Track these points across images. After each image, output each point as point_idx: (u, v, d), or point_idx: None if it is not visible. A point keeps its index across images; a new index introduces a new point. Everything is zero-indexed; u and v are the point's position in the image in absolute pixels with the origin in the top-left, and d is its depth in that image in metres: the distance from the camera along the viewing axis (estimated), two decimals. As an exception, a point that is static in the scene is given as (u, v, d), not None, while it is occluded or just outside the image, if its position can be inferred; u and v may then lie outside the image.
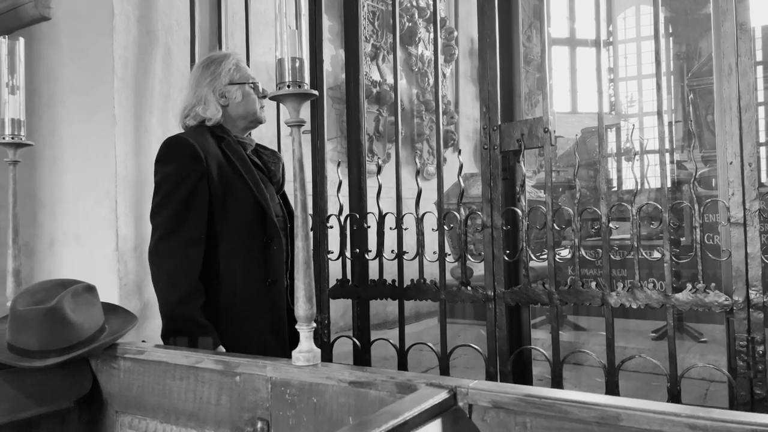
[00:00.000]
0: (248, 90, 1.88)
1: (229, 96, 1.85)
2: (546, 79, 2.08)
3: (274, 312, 1.82)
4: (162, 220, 1.70)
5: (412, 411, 0.94)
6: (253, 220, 1.78)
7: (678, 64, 8.77)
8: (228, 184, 1.76)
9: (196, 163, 1.71)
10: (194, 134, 1.79)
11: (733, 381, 1.76)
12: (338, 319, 3.58)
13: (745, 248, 1.73)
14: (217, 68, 1.86)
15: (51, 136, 2.61)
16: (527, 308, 2.23)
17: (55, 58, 2.62)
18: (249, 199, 1.78)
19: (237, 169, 1.79)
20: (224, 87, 1.84)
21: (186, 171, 1.70)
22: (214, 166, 1.74)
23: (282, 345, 1.80)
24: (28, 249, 2.62)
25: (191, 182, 1.70)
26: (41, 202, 2.66)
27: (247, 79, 1.88)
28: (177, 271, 1.66)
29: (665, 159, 1.91)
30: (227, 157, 1.79)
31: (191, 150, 1.72)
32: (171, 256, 1.67)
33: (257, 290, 1.78)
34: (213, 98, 1.83)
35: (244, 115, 1.88)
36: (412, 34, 6.94)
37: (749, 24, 1.75)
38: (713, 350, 4.02)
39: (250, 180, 1.80)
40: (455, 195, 2.59)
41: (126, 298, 2.34)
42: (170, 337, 1.67)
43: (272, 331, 1.80)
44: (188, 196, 1.69)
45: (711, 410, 0.85)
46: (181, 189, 1.69)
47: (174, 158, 1.74)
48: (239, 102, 1.86)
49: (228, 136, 1.84)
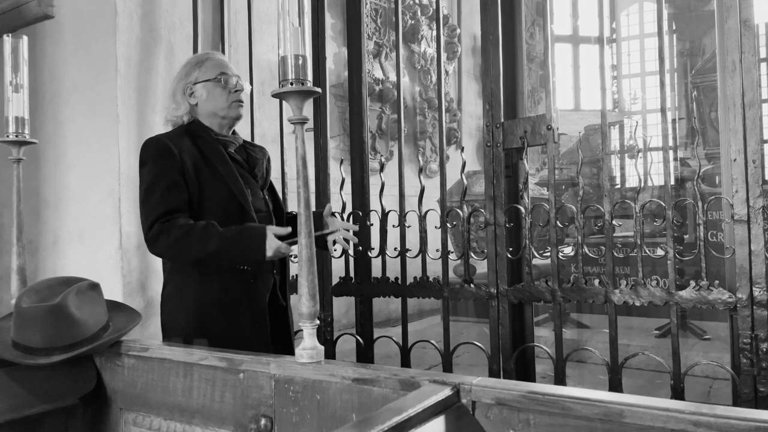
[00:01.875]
0: (212, 86, 1.85)
1: (196, 94, 1.86)
2: (549, 76, 2.08)
3: (254, 308, 1.80)
4: (145, 215, 1.72)
5: (415, 408, 0.94)
6: (230, 215, 1.77)
7: (682, 61, 8.73)
8: (204, 180, 1.77)
9: (171, 159, 1.73)
10: (170, 133, 1.83)
11: (737, 378, 1.76)
12: (341, 317, 3.59)
13: (748, 245, 1.73)
14: (188, 68, 1.89)
15: (54, 134, 2.62)
16: (530, 306, 2.23)
17: (58, 56, 2.62)
18: (225, 195, 1.78)
19: (213, 166, 1.79)
20: (192, 86, 1.85)
21: (162, 166, 1.73)
22: (189, 162, 1.76)
23: (264, 342, 1.79)
24: (32, 247, 2.63)
25: (170, 176, 1.72)
26: (45, 200, 2.67)
27: (211, 76, 1.85)
28: (174, 238, 1.67)
29: (669, 156, 1.90)
30: (203, 154, 1.80)
31: (165, 147, 1.75)
32: (163, 234, 1.68)
33: (236, 286, 1.78)
34: (182, 98, 1.86)
35: (212, 111, 1.86)
36: (415, 32, 6.93)
37: (753, 20, 1.74)
38: (717, 348, 4.01)
39: (227, 176, 1.79)
40: (458, 192, 2.59)
41: (129, 296, 2.35)
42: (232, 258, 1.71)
43: (253, 327, 1.79)
44: (166, 190, 1.71)
45: (714, 407, 0.85)
46: (161, 182, 1.72)
47: (149, 157, 1.76)
48: (205, 99, 1.86)
49: (206, 134, 1.84)
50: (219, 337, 1.70)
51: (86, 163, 2.51)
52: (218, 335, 1.71)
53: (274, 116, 2.70)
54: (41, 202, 2.68)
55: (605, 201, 1.95)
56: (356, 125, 2.59)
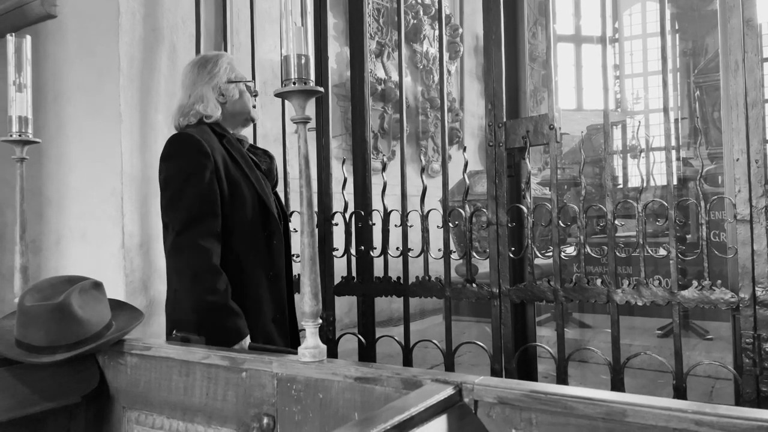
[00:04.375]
0: (244, 88, 1.92)
1: (227, 94, 1.87)
2: (551, 76, 2.08)
3: (277, 304, 1.86)
4: (178, 215, 1.71)
5: (417, 407, 0.94)
6: (256, 215, 1.82)
7: (684, 61, 8.72)
8: (233, 180, 1.79)
9: (205, 158, 1.72)
10: (197, 131, 1.80)
11: (739, 378, 1.76)
12: (343, 317, 3.59)
13: (751, 245, 1.73)
14: (215, 67, 1.89)
15: (57, 134, 2.62)
16: (532, 305, 2.22)
17: (61, 55, 2.63)
18: (253, 195, 1.82)
19: (240, 166, 1.82)
20: (223, 85, 1.87)
21: (196, 165, 1.71)
22: (221, 161, 1.76)
23: (284, 336, 1.86)
24: (35, 246, 2.64)
25: (202, 176, 1.71)
26: (48, 199, 2.67)
27: (243, 78, 1.93)
28: (201, 264, 1.67)
29: (671, 156, 1.90)
30: (230, 154, 1.82)
31: (199, 145, 1.73)
32: (192, 249, 1.68)
33: (262, 282, 1.82)
34: (212, 96, 1.86)
35: (240, 112, 1.91)
36: (417, 31, 6.93)
37: (756, 20, 1.74)
38: (719, 347, 4.00)
39: (252, 177, 1.84)
40: (460, 192, 2.59)
41: (132, 295, 2.35)
42: (203, 328, 1.66)
43: (275, 322, 1.85)
44: (201, 189, 1.71)
45: (717, 406, 0.85)
46: (192, 183, 1.70)
47: (182, 153, 1.74)
48: (237, 99, 1.89)
49: (227, 133, 1.87)
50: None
51: (89, 162, 2.51)
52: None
53: (276, 116, 2.70)
54: (44, 201, 2.68)
55: (608, 201, 1.95)
56: (358, 125, 2.59)
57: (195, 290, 1.68)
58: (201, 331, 1.65)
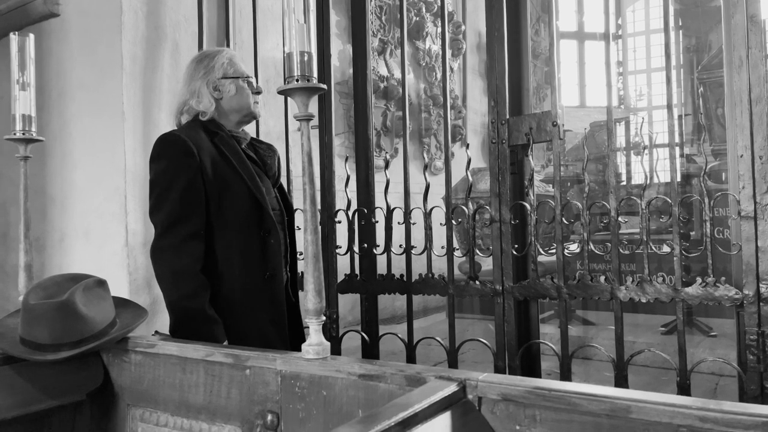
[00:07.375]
0: (242, 84, 1.86)
1: (223, 89, 1.84)
2: (554, 72, 2.07)
3: (274, 305, 1.82)
4: (160, 217, 1.71)
5: (421, 403, 0.94)
6: (250, 213, 1.78)
7: (688, 57, 8.69)
8: (222, 178, 1.76)
9: (189, 158, 1.71)
10: (186, 130, 1.79)
11: (743, 375, 1.76)
12: (346, 314, 3.60)
13: (755, 242, 1.72)
14: (211, 62, 1.86)
15: (61, 132, 2.63)
16: (536, 303, 2.22)
17: (64, 54, 2.63)
18: (244, 193, 1.78)
19: (231, 163, 1.78)
20: (217, 80, 1.83)
21: (179, 167, 1.70)
22: (208, 160, 1.74)
23: (283, 338, 1.81)
24: (38, 244, 2.65)
25: (186, 178, 1.70)
26: (51, 197, 2.68)
27: (241, 74, 1.87)
28: (180, 267, 1.67)
29: (675, 153, 1.90)
30: (220, 152, 1.78)
31: (183, 146, 1.72)
32: (173, 252, 1.68)
33: (257, 283, 1.79)
34: (206, 91, 1.83)
35: (237, 108, 1.86)
36: (420, 29, 6.91)
37: (760, 16, 1.74)
38: (723, 344, 4.00)
39: (245, 173, 1.79)
40: (463, 190, 2.59)
41: (136, 293, 2.36)
42: (178, 333, 1.68)
43: (273, 323, 1.81)
44: (183, 191, 1.69)
45: (721, 403, 0.85)
46: (175, 185, 1.70)
47: (166, 155, 1.74)
48: (233, 95, 1.85)
49: (221, 130, 1.83)
50: (240, 332, 1.73)
51: (92, 160, 2.52)
52: (239, 331, 1.73)
53: (279, 113, 2.70)
54: (48, 199, 2.69)
55: (611, 198, 1.95)
56: (361, 122, 2.59)
57: (172, 294, 1.68)
58: (176, 335, 1.66)
